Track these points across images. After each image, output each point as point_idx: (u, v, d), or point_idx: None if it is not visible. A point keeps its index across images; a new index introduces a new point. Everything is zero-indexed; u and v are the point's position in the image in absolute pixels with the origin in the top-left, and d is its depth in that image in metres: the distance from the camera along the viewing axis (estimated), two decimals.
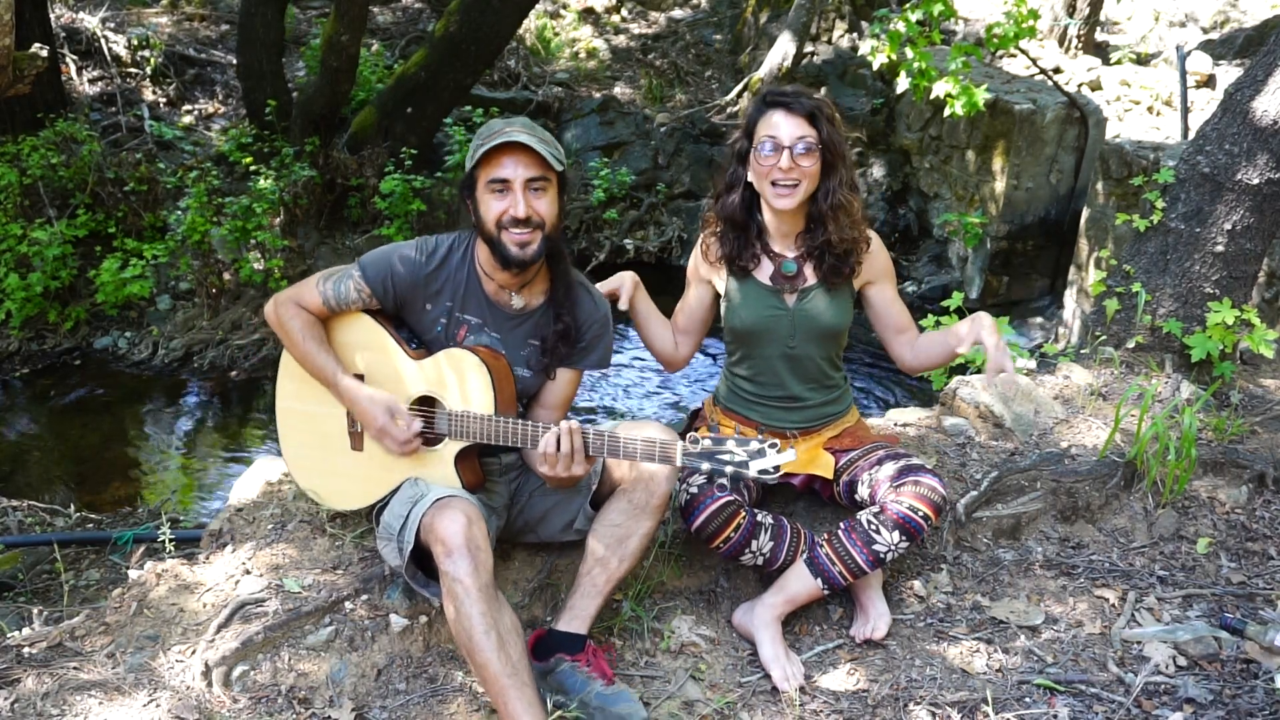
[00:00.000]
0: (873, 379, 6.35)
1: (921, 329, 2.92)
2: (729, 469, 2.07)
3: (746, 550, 2.50)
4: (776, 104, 2.49)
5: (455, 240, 2.44)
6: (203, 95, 8.40)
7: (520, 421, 2.26)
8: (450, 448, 2.34)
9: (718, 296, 2.75)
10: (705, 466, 2.10)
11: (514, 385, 2.38)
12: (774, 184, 2.49)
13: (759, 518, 2.52)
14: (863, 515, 2.49)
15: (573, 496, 2.46)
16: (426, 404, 2.37)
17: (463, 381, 2.32)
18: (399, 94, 7.39)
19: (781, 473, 2.09)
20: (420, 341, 2.44)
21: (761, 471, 2.06)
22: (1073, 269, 6.27)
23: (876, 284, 2.68)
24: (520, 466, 2.54)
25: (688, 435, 2.13)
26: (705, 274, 2.73)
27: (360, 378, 2.42)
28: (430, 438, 2.37)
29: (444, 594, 2.12)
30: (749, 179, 2.57)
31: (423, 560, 2.27)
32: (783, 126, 2.47)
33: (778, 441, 2.08)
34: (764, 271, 2.63)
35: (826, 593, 2.53)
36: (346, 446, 2.46)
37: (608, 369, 2.91)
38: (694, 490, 2.47)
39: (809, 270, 2.62)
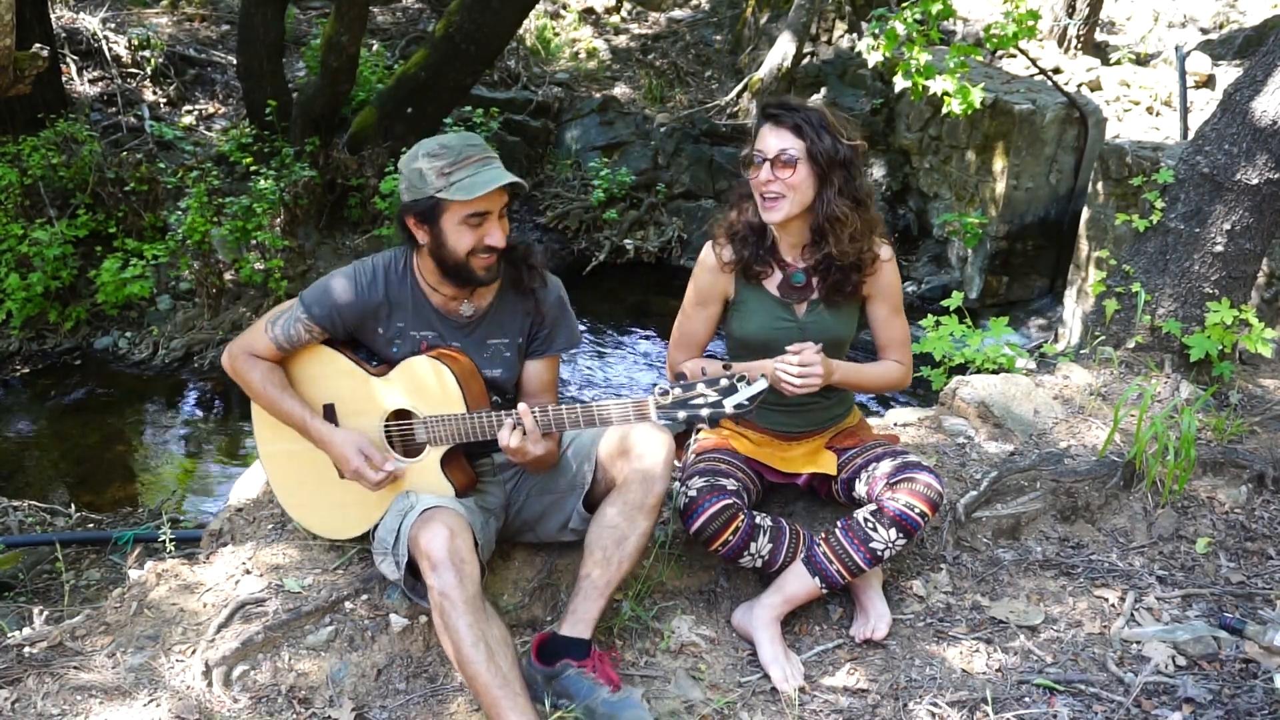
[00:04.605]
0: None
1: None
2: (705, 412, 2.08)
3: (745, 553, 2.49)
4: (766, 116, 2.49)
5: (390, 261, 2.42)
6: (203, 95, 8.40)
7: (494, 414, 2.27)
8: (434, 454, 2.34)
9: (722, 314, 2.72)
10: (681, 415, 2.10)
11: (482, 382, 2.39)
12: (761, 196, 2.49)
13: (757, 520, 2.52)
14: (859, 514, 2.50)
15: (567, 496, 2.46)
16: (402, 417, 2.38)
17: (429, 388, 2.33)
18: (399, 94, 7.38)
19: (755, 401, 2.08)
20: (380, 359, 2.44)
21: (737, 407, 2.07)
22: (1072, 269, 6.27)
23: (874, 300, 2.66)
24: (516, 465, 2.54)
25: (656, 388, 2.13)
26: (720, 288, 2.64)
27: (330, 407, 2.42)
28: (414, 449, 2.38)
29: (432, 607, 2.13)
30: None
31: (419, 571, 2.26)
32: (767, 139, 2.46)
33: (745, 374, 2.09)
34: (773, 281, 2.62)
35: (825, 592, 2.53)
36: (335, 475, 2.44)
37: (579, 347, 2.89)
38: (692, 494, 2.46)
39: (816, 282, 2.59)
